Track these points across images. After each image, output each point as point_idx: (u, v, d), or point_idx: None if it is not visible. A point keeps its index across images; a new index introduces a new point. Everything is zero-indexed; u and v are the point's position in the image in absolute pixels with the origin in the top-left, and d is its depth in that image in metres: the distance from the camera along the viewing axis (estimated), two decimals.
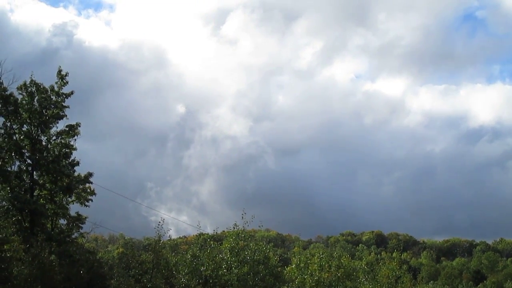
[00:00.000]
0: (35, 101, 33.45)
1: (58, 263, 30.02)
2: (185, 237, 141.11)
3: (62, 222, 34.30)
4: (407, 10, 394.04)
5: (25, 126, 33.41)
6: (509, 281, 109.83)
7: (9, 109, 32.62)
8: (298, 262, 45.44)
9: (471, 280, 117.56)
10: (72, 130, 34.28)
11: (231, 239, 40.44)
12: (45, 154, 33.24)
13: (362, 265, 49.71)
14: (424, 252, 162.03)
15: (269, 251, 41.38)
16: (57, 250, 32.03)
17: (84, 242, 36.68)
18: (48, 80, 34.33)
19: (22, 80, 33.17)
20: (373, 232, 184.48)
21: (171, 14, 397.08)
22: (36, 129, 33.45)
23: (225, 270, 38.77)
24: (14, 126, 33.10)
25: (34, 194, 33.32)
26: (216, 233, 46.37)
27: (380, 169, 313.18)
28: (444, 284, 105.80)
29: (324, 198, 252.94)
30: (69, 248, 32.77)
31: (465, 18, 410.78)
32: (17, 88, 33.02)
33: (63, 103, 34.18)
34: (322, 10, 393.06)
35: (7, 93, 32.57)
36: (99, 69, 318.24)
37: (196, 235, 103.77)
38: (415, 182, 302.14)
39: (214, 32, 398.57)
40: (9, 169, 32.76)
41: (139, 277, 34.93)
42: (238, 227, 41.41)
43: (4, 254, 27.04)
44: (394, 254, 53.97)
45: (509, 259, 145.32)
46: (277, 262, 41.78)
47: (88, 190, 34.91)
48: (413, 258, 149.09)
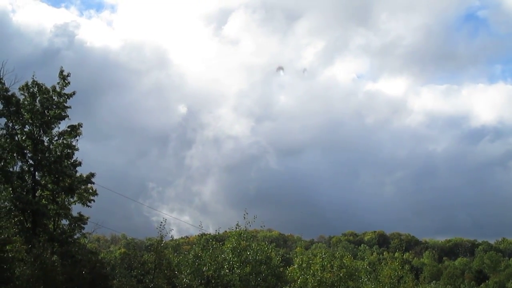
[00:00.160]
0: (37, 101, 33.47)
1: (60, 264, 29.96)
2: (187, 237, 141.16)
3: (64, 222, 34.26)
4: (409, 10, 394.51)
5: (27, 126, 33.36)
6: (511, 280, 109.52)
7: (11, 109, 32.60)
8: (300, 262, 45.46)
9: (473, 280, 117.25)
10: (74, 131, 34.30)
11: (233, 239, 40.48)
12: (47, 155, 33.21)
13: (364, 265, 49.70)
14: (426, 252, 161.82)
15: (271, 251, 41.45)
16: (59, 250, 31.97)
17: (86, 242, 36.68)
18: (50, 80, 34.40)
19: (24, 80, 33.29)
20: (375, 232, 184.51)
21: (173, 15, 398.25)
22: (38, 129, 33.43)
23: (227, 270, 38.80)
24: (16, 127, 33.06)
25: (36, 194, 33.27)
26: (218, 233, 46.27)
27: (382, 169, 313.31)
28: (446, 284, 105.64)
29: (326, 198, 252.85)
30: (71, 248, 32.75)
31: (466, 18, 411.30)
32: (19, 88, 33.09)
33: (65, 104, 34.19)
34: (323, 10, 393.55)
35: (9, 93, 32.58)
36: (101, 69, 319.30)
37: (198, 235, 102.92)
38: (417, 182, 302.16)
39: (216, 32, 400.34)
40: (11, 169, 32.71)
41: (141, 277, 34.94)
42: (240, 227, 41.49)
43: (6, 254, 27.02)
44: (396, 254, 54.08)
45: (511, 259, 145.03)
46: (279, 262, 41.82)
47: (90, 190, 34.83)
48: (415, 258, 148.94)
